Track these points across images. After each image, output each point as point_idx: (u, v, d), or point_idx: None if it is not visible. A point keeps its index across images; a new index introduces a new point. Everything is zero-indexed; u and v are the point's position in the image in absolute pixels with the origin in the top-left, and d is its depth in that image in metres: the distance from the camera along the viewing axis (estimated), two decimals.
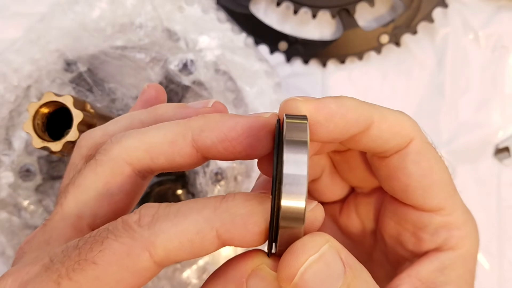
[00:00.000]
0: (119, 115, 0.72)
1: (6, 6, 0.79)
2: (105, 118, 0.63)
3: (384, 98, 0.83)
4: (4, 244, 0.73)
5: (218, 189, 0.73)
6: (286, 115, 0.31)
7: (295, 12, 0.81)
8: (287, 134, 0.29)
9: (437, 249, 0.39)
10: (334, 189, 0.46)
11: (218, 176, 0.74)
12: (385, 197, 0.42)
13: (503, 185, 0.80)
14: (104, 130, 0.39)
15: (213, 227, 0.29)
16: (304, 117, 0.31)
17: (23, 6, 0.79)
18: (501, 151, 0.80)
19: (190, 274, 0.73)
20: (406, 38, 0.82)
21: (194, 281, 0.73)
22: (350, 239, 0.47)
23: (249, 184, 0.74)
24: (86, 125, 0.58)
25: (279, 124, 0.32)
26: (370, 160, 0.41)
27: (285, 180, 0.28)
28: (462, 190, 0.40)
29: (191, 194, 0.75)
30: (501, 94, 0.82)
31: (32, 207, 0.73)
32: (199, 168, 0.73)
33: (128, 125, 0.39)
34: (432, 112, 0.82)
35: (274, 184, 0.29)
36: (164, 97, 0.49)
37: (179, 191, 0.75)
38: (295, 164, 0.28)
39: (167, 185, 0.75)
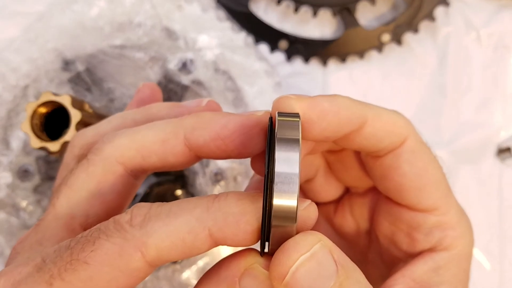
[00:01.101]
0: None
1: (4, 5, 0.79)
2: (103, 118, 0.63)
3: (385, 97, 0.82)
4: (3, 244, 0.72)
5: (218, 190, 0.73)
6: (278, 112, 0.30)
7: (296, 10, 0.81)
8: (278, 132, 0.29)
9: (431, 249, 0.39)
10: (329, 189, 0.46)
11: (218, 177, 0.73)
12: (380, 197, 0.42)
13: (505, 185, 0.80)
14: (97, 129, 0.39)
15: (206, 226, 0.29)
16: (296, 115, 0.31)
17: (21, 5, 0.79)
18: (502, 151, 0.80)
19: (190, 275, 0.73)
20: (408, 37, 0.82)
21: (194, 281, 0.73)
22: (345, 240, 0.47)
23: None
24: (84, 125, 0.58)
25: (271, 122, 0.32)
26: (364, 159, 0.40)
27: (276, 178, 0.28)
28: (463, 190, 0.40)
29: (191, 194, 0.74)
30: (503, 94, 0.82)
31: (30, 207, 0.73)
32: (198, 169, 0.73)
33: (121, 124, 0.39)
34: (433, 111, 0.82)
35: (266, 182, 0.29)
36: (159, 96, 0.49)
37: (179, 192, 0.75)
38: (287, 162, 0.28)
39: (166, 185, 0.75)
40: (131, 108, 0.45)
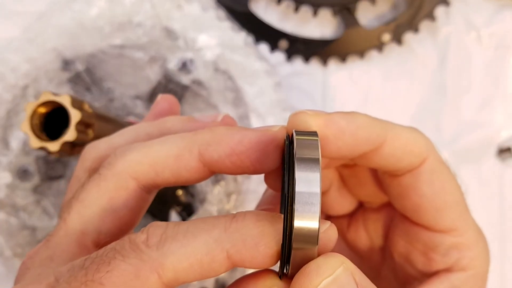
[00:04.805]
0: (117, 114, 0.72)
1: (3, 5, 0.79)
2: (103, 118, 0.62)
3: (386, 97, 0.82)
4: (3, 245, 0.72)
5: (218, 190, 0.73)
6: (295, 131, 0.30)
7: (296, 10, 0.81)
8: (298, 152, 0.28)
9: (447, 270, 0.39)
10: (342, 203, 0.45)
11: (218, 177, 0.73)
12: (395, 214, 0.42)
13: (506, 185, 0.80)
14: (109, 142, 0.38)
15: (224, 248, 0.28)
16: (314, 133, 0.30)
17: (20, 5, 0.78)
18: (503, 151, 0.80)
19: None
20: (408, 36, 0.81)
21: (194, 282, 0.72)
22: (358, 255, 0.46)
23: (249, 185, 0.73)
24: (84, 125, 0.58)
25: (289, 140, 0.31)
26: (382, 177, 0.40)
27: (297, 199, 0.27)
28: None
29: (191, 194, 0.74)
30: (503, 94, 0.82)
31: (30, 207, 0.72)
32: None
33: (134, 137, 0.38)
34: (433, 111, 0.82)
35: (285, 204, 0.28)
36: (177, 109, 0.47)
37: (179, 192, 0.74)
38: (307, 183, 0.27)
39: None
40: (147, 121, 0.44)
